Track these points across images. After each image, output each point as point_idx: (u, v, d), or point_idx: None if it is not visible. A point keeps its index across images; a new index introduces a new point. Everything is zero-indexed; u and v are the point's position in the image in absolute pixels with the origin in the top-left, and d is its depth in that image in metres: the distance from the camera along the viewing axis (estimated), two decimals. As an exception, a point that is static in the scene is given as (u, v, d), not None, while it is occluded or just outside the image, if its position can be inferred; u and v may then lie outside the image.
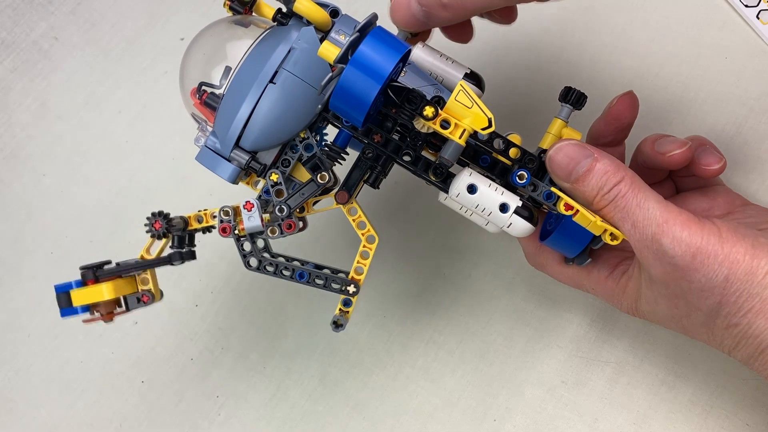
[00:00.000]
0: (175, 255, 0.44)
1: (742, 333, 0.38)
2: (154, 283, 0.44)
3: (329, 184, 0.42)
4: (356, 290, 0.43)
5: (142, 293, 0.44)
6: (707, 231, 0.37)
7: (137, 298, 0.44)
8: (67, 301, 0.43)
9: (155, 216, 0.43)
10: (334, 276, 0.43)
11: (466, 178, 0.40)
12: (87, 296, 0.43)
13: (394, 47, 0.36)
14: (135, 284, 0.44)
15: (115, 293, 0.43)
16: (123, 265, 0.43)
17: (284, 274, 0.43)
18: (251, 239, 0.43)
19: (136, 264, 0.43)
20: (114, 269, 0.43)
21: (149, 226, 0.43)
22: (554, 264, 0.46)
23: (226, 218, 0.43)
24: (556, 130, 0.43)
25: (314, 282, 0.43)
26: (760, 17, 0.55)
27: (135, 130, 0.63)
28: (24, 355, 0.58)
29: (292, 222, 0.42)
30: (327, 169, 0.41)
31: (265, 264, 0.43)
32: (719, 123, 0.53)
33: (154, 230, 0.43)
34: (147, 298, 0.44)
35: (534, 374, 0.52)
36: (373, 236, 0.43)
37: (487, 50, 0.58)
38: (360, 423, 0.53)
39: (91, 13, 0.67)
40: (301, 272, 0.43)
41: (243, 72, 0.40)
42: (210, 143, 0.41)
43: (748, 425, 0.47)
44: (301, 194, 0.42)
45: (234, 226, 0.43)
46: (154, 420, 0.55)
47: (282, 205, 0.42)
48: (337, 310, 0.43)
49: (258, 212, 0.42)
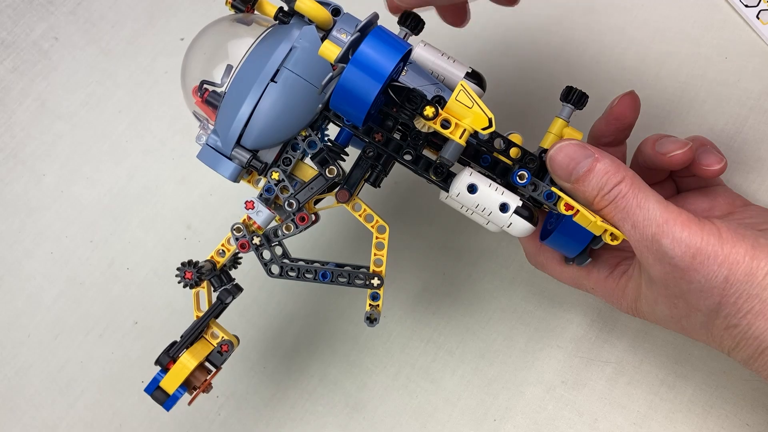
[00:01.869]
0: (222, 294, 0.44)
1: (741, 334, 0.38)
2: (223, 331, 0.44)
3: (338, 178, 0.42)
4: (381, 282, 0.43)
5: (220, 345, 0.44)
6: (707, 231, 0.37)
7: (218, 353, 0.44)
8: (163, 395, 0.43)
9: (184, 267, 0.43)
10: (356, 272, 0.43)
11: (467, 177, 0.40)
12: (176, 377, 0.42)
13: (394, 47, 0.36)
14: (208, 342, 0.44)
15: (196, 359, 0.43)
16: (187, 334, 0.43)
17: (307, 276, 0.43)
18: (269, 245, 0.43)
19: (197, 323, 0.44)
20: (183, 341, 0.43)
21: (181, 278, 0.43)
22: (554, 264, 0.46)
23: (240, 234, 0.43)
24: (557, 129, 0.43)
25: (338, 280, 0.43)
26: (760, 17, 0.55)
27: (135, 130, 0.63)
28: (24, 355, 0.58)
29: (304, 215, 0.42)
30: (336, 164, 0.41)
31: (287, 269, 0.43)
32: (719, 123, 0.53)
33: (187, 281, 0.43)
34: (226, 347, 0.44)
35: (534, 374, 0.52)
36: (383, 226, 0.43)
37: (488, 49, 0.59)
38: (360, 423, 0.53)
39: (91, 13, 0.67)
40: (324, 272, 0.43)
41: (244, 70, 0.40)
42: (211, 141, 0.41)
43: (748, 425, 0.47)
44: (309, 188, 0.42)
45: (250, 238, 0.43)
46: (154, 420, 0.55)
47: (291, 200, 0.42)
48: (367, 306, 0.43)
49: (262, 206, 0.42)
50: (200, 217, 0.60)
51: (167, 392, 0.42)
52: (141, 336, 0.58)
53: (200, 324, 0.43)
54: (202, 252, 0.59)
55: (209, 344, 0.44)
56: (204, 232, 0.60)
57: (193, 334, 0.43)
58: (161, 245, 0.60)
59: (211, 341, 0.44)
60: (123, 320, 0.58)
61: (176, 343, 0.44)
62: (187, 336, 0.43)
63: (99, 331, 0.58)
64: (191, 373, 0.42)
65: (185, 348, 0.43)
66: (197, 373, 0.43)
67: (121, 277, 0.59)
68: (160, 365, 0.43)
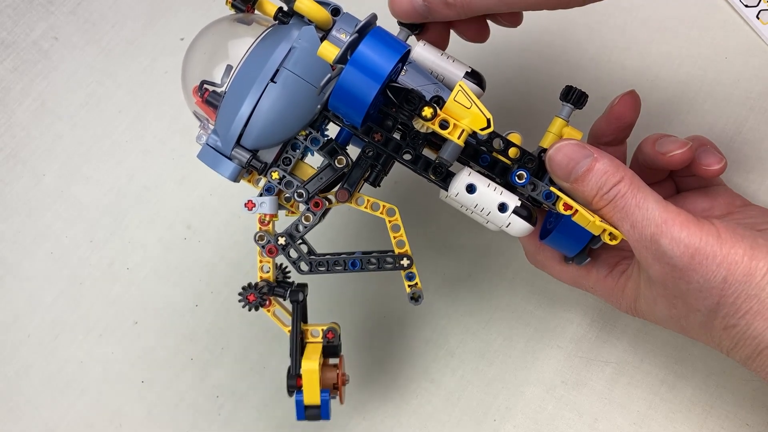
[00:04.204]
0: (292, 295, 0.44)
1: (740, 334, 0.38)
2: (319, 326, 0.44)
3: (346, 168, 0.42)
4: (410, 261, 0.43)
5: (325, 337, 0.44)
6: (706, 232, 0.37)
7: (328, 344, 0.44)
8: (314, 409, 0.43)
9: (245, 291, 0.43)
10: (384, 256, 0.43)
11: (465, 178, 0.40)
12: (311, 386, 0.42)
13: (393, 48, 0.36)
14: (314, 343, 0.44)
15: (316, 361, 0.42)
16: (292, 349, 0.43)
17: (336, 268, 0.43)
18: (294, 243, 0.43)
19: (293, 336, 0.44)
20: (294, 357, 0.43)
21: (245, 303, 0.43)
22: (554, 263, 0.46)
23: (264, 241, 0.43)
24: (556, 129, 0.43)
25: (367, 267, 0.43)
26: (760, 17, 0.55)
27: (135, 130, 0.63)
28: (24, 355, 0.58)
29: (318, 200, 0.42)
30: (345, 153, 0.41)
31: (315, 264, 0.43)
32: (719, 123, 0.53)
33: (251, 303, 0.43)
34: (331, 334, 0.44)
35: (534, 374, 0.52)
36: (392, 209, 0.43)
37: (488, 49, 0.58)
38: (360, 423, 0.53)
39: (91, 13, 0.67)
40: (353, 261, 0.43)
41: (244, 71, 0.40)
42: (211, 141, 0.41)
43: (748, 425, 0.47)
44: (319, 179, 0.42)
45: (275, 241, 0.43)
46: (154, 420, 0.55)
47: (300, 190, 0.42)
48: (407, 288, 0.44)
49: (262, 197, 0.42)
50: (200, 217, 0.60)
51: (315, 404, 0.42)
52: (141, 336, 0.58)
53: (295, 334, 0.44)
54: (202, 252, 0.59)
55: (316, 343, 0.44)
56: (204, 232, 0.60)
57: (296, 345, 0.43)
58: (161, 245, 0.60)
59: (316, 340, 0.44)
60: (123, 320, 0.58)
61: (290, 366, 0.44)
62: (293, 350, 0.43)
63: (99, 331, 0.58)
64: (322, 375, 0.42)
65: (299, 360, 0.43)
66: (327, 374, 0.43)
67: (121, 277, 0.59)
68: (292, 388, 0.43)
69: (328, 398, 0.43)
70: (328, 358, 0.45)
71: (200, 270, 0.59)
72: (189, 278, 0.58)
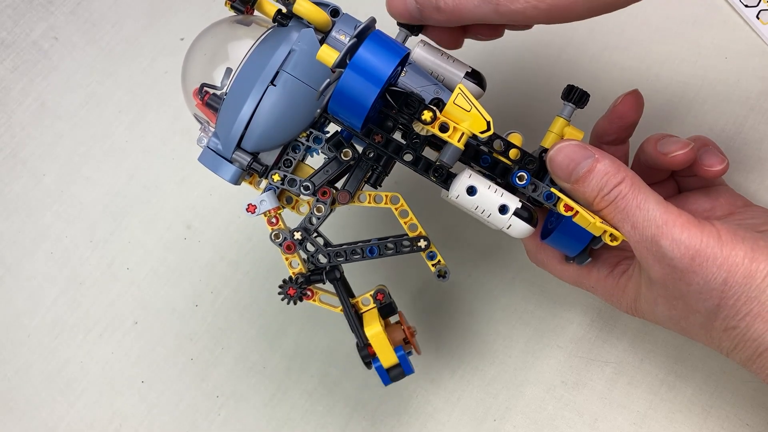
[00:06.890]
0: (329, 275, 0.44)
1: (740, 336, 0.38)
2: (365, 295, 0.44)
3: (352, 161, 0.42)
4: (427, 242, 0.43)
5: (376, 299, 0.44)
6: (707, 233, 0.37)
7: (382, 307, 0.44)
8: (395, 368, 0.43)
9: (285, 285, 0.43)
10: (400, 239, 0.43)
11: (466, 180, 0.40)
12: (384, 348, 0.42)
13: (392, 51, 0.36)
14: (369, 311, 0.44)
15: (378, 324, 0.42)
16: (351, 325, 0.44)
17: (354, 257, 0.43)
18: (309, 236, 0.43)
19: (347, 312, 0.44)
20: (356, 331, 0.43)
21: (287, 297, 0.43)
22: (555, 262, 0.46)
23: (281, 239, 0.43)
24: (558, 128, 0.43)
25: (385, 253, 0.43)
26: (760, 17, 0.55)
27: (135, 130, 0.63)
28: (24, 355, 0.58)
29: (326, 189, 0.42)
30: (351, 145, 0.41)
31: (333, 255, 0.44)
32: (719, 123, 0.53)
33: (291, 297, 0.43)
34: (381, 295, 0.44)
35: (534, 374, 0.52)
36: (395, 197, 0.43)
37: (488, 49, 0.58)
38: (360, 423, 0.53)
39: (91, 13, 0.67)
40: (370, 248, 0.43)
41: (244, 74, 0.40)
42: (212, 144, 0.41)
43: (748, 425, 0.48)
44: (324, 171, 0.42)
45: (291, 236, 0.43)
46: (154, 420, 0.55)
47: (306, 183, 0.42)
48: (431, 267, 0.44)
49: (265, 196, 0.42)
50: (200, 217, 0.60)
51: (394, 362, 0.43)
52: (141, 336, 0.58)
53: (348, 309, 0.44)
54: (202, 252, 0.59)
55: (371, 310, 0.44)
56: (204, 232, 0.60)
57: (353, 319, 0.44)
58: (161, 245, 0.60)
59: (369, 307, 0.44)
60: (123, 320, 0.58)
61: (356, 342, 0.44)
62: (353, 325, 0.44)
63: (99, 331, 0.58)
64: (388, 334, 0.43)
65: (362, 331, 0.43)
66: (393, 332, 0.43)
67: (121, 277, 0.59)
68: (367, 358, 0.43)
69: (404, 353, 0.43)
70: (388, 318, 0.45)
71: (200, 270, 0.59)
72: (189, 278, 0.59)
